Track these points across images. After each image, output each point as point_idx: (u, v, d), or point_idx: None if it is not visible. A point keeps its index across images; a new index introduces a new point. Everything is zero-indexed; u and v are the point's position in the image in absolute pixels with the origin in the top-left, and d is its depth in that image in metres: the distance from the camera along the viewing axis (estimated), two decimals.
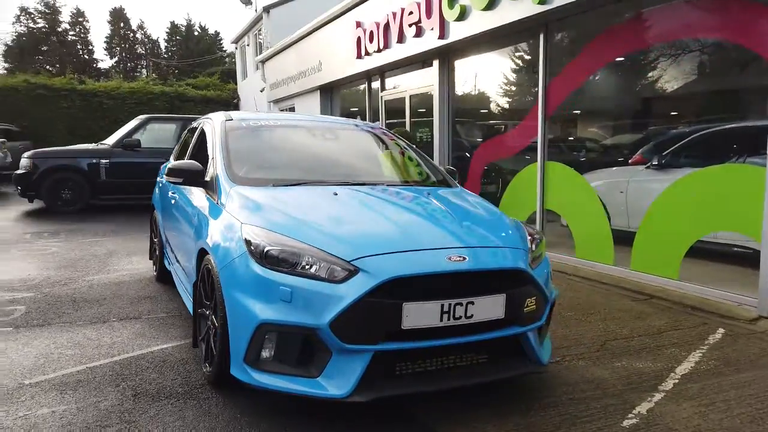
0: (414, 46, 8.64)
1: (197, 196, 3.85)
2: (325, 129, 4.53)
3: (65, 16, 54.19)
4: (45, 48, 52.05)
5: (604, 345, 3.99)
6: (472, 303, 2.77)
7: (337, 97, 13.23)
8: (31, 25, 52.00)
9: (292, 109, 15.09)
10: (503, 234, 3.22)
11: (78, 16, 55.20)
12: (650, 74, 6.08)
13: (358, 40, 10.24)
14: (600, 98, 6.79)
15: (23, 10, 51.24)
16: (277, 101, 16.18)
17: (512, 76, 7.84)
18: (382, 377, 2.75)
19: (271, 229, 2.91)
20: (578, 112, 7.10)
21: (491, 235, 3.18)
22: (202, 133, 4.57)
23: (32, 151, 10.93)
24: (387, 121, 10.67)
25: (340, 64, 11.39)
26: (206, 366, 3.20)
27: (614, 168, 6.73)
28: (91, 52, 55.86)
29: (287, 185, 3.55)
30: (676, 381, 3.39)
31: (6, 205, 11.64)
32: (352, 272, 2.66)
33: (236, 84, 25.78)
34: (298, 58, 13.68)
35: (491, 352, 3.01)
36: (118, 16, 57.78)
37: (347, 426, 2.78)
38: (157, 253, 5.53)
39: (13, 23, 51.21)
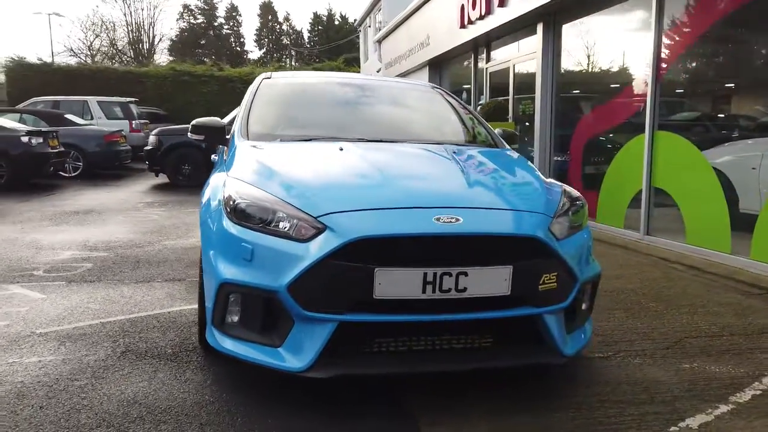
0: (516, 8, 7.94)
1: (220, 155, 3.72)
2: (368, 87, 4.18)
3: (221, 12, 58.64)
4: (203, 42, 56.87)
5: (679, 342, 3.26)
6: (465, 274, 2.30)
7: (446, 73, 12.73)
8: (192, 21, 57.08)
9: None
10: (523, 196, 2.68)
11: (232, 11, 59.58)
12: None
13: (462, 8, 9.69)
14: (731, 54, 5.69)
15: (185, 7, 56.31)
16: None
17: (622, 37, 6.87)
18: (355, 353, 2.39)
19: (250, 182, 2.64)
20: (699, 71, 6.03)
21: (505, 197, 2.66)
22: None
23: (158, 129, 11.77)
24: (491, 97, 10.01)
25: (445, 36, 10.90)
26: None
27: (749, 141, 5.63)
28: (242, 45, 60.16)
29: (296, 140, 3.27)
30: (758, 393, 2.63)
31: (140, 180, 12.67)
32: (320, 230, 2.32)
33: (359, 67, 26.12)
34: (409, 34, 13.37)
35: (499, 335, 2.52)
36: (267, 10, 61.49)
37: (323, 405, 2.45)
38: None
39: (177, 20, 56.42)
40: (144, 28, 47.19)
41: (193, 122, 3.68)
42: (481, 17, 9.03)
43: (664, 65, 5.85)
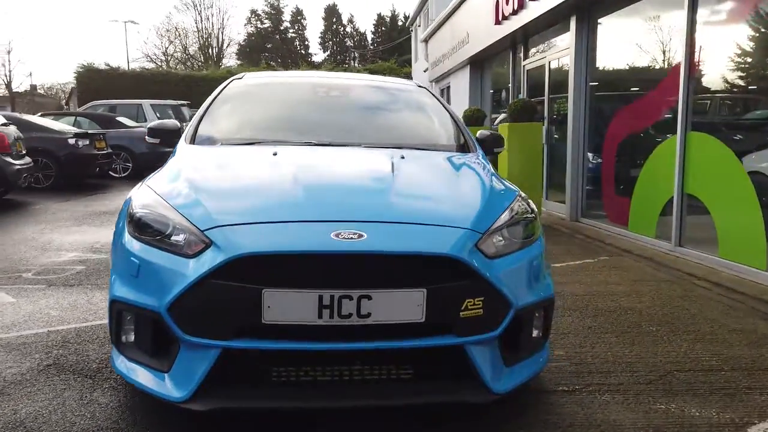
0: (548, 1, 7.46)
1: None
2: (342, 87, 3.91)
3: (287, 16, 59.82)
4: (269, 45, 58.22)
5: (666, 376, 2.81)
6: (368, 297, 2.01)
7: (488, 72, 12.27)
8: (259, 25, 58.56)
9: (447, 89, 14.43)
10: (452, 208, 2.35)
11: (297, 15, 60.67)
12: None
13: (497, 3, 9.26)
14: None
15: (253, 12, 57.87)
16: (437, 80, 15.65)
17: (657, 31, 6.28)
18: (249, 383, 2.15)
19: (159, 191, 2.45)
20: (738, 66, 5.39)
21: (429, 209, 2.34)
22: None
23: None
24: (528, 96, 9.51)
25: (483, 34, 10.49)
26: None
27: None
28: (306, 47, 61.16)
29: (238, 144, 3.06)
30: None
31: None
32: (208, 245, 2.10)
33: (411, 67, 25.81)
34: (451, 33, 13.00)
35: (419, 366, 2.21)
36: (331, 13, 62.20)
37: None
38: None
39: (245, 25, 58.09)
40: (213, 33, 48.82)
41: (149, 125, 3.55)
42: (515, 12, 8.59)
43: (696, 60, 5.28)
